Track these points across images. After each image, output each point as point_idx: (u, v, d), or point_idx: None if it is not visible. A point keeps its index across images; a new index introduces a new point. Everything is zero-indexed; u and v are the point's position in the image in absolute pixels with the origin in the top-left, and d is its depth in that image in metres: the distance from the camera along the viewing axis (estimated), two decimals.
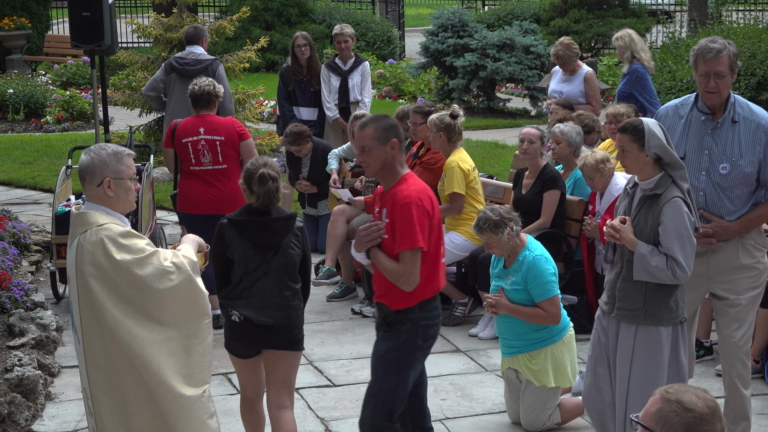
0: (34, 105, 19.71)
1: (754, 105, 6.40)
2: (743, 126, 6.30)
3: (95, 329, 5.27)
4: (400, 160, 5.79)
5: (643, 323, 5.96)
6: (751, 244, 6.44)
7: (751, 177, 6.32)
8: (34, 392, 7.55)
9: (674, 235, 5.84)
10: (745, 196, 6.37)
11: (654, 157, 5.92)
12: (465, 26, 20.08)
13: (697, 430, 3.43)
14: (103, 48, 11.24)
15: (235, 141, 9.05)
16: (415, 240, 5.62)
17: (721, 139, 6.33)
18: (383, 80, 22.15)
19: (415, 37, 28.40)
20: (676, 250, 5.83)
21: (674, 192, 5.90)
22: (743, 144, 6.28)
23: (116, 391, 5.32)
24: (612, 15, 25.14)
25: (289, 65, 12.59)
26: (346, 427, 7.29)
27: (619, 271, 6.07)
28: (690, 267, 5.90)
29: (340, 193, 10.14)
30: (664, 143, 5.90)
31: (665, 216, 5.86)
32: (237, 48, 19.81)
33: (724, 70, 6.24)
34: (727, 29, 14.90)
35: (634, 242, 5.91)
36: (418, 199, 5.66)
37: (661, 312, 5.96)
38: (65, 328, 8.86)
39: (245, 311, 6.20)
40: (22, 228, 10.98)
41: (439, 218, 5.82)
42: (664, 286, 5.94)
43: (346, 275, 10.22)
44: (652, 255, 5.85)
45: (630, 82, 11.09)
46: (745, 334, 6.53)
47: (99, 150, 5.39)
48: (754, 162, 6.28)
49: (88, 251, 5.24)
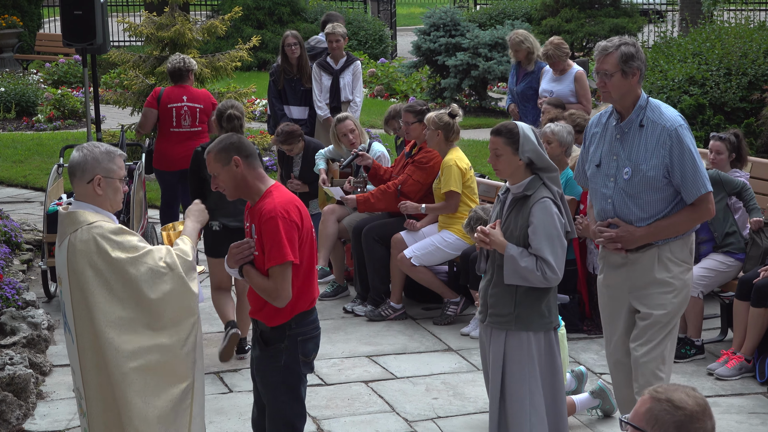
0: (26, 103, 19.68)
1: (667, 108, 6.16)
2: (650, 130, 6.06)
3: (88, 329, 5.27)
4: (254, 175, 5.58)
5: (514, 329, 5.82)
6: (668, 257, 6.16)
7: (657, 182, 6.05)
8: (25, 391, 7.53)
9: (543, 235, 5.74)
10: (658, 203, 6.10)
11: (527, 161, 5.83)
12: (457, 25, 20.09)
13: (688, 428, 3.43)
14: (95, 47, 11.23)
15: (210, 109, 10.69)
16: (283, 254, 5.43)
17: (627, 143, 6.12)
18: (375, 79, 22.15)
19: (406, 36, 28.40)
20: (545, 250, 5.72)
21: (544, 193, 5.80)
22: (648, 148, 6.05)
23: (107, 391, 5.31)
24: (603, 14, 25.15)
25: (280, 64, 12.59)
26: (338, 425, 7.30)
27: (491, 278, 5.94)
28: (561, 269, 5.76)
29: (332, 191, 10.14)
30: (537, 147, 5.83)
31: (534, 216, 5.77)
32: (229, 47, 19.80)
33: (610, 69, 6.03)
34: (718, 29, 14.91)
35: (503, 245, 5.80)
36: (285, 211, 5.47)
37: (532, 317, 5.82)
38: (56, 327, 8.85)
39: (222, 219, 8.30)
40: (13, 226, 10.96)
41: (309, 228, 5.61)
42: (534, 290, 5.81)
43: (337, 274, 10.22)
44: (522, 256, 5.73)
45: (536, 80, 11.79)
46: (650, 353, 6.19)
47: (92, 147, 5.39)
48: (658, 166, 6.02)
49: (81, 250, 5.23)
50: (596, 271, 8.97)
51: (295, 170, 10.94)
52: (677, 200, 6.11)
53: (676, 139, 6.01)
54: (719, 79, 13.33)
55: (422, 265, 9.31)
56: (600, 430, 7.26)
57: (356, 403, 7.70)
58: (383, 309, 9.48)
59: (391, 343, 8.90)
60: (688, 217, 6.12)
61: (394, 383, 8.06)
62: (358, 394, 7.85)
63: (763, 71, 13.27)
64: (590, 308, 9.06)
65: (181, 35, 14.78)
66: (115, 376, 5.26)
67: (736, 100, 13.13)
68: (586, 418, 7.39)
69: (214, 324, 9.03)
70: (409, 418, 7.45)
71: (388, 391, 7.87)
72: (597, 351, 8.57)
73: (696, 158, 6.03)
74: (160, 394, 5.34)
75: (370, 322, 9.41)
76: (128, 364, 5.25)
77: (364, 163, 9.90)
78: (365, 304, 9.65)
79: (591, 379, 7.90)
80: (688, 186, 6.03)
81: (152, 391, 5.32)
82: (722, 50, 13.75)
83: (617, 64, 6.03)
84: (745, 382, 7.99)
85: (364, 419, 7.43)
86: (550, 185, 5.85)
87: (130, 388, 5.27)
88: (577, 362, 8.31)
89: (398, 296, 9.52)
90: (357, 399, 7.76)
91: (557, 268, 5.75)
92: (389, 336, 9.06)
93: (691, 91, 13.27)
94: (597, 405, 7.38)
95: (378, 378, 8.15)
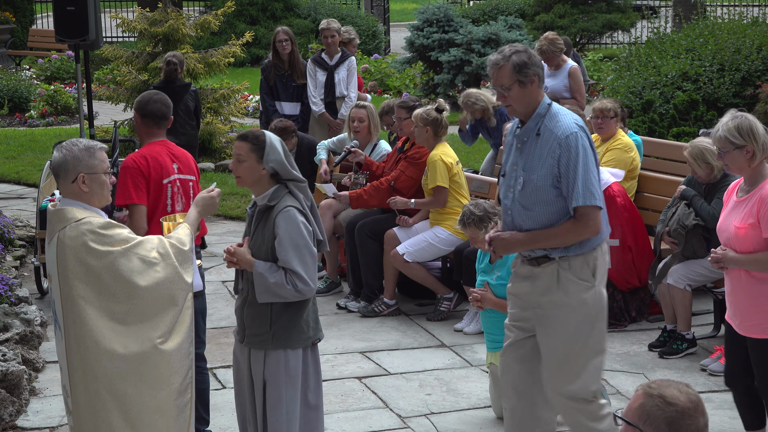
0: (19, 99, 19.65)
1: (566, 115, 5.78)
2: (545, 138, 5.71)
3: (77, 326, 5.25)
4: (142, 131, 6.96)
5: (272, 347, 5.60)
6: (568, 277, 5.76)
7: (546, 193, 5.69)
8: (18, 387, 7.52)
9: (290, 246, 5.48)
10: (550, 215, 5.72)
11: (271, 171, 5.57)
12: (450, 21, 20.07)
13: (680, 424, 3.43)
14: (88, 42, 11.22)
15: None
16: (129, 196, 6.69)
17: (524, 153, 5.79)
18: (368, 75, 22.14)
19: (400, 32, 28.40)
20: (293, 261, 5.46)
21: (288, 202, 5.55)
22: (541, 158, 5.70)
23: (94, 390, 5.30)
24: (596, 10, 25.17)
25: (271, 60, 12.59)
26: (331, 422, 7.29)
27: (245, 296, 5.70)
28: (313, 279, 5.52)
29: (324, 188, 10.13)
30: (282, 159, 5.57)
31: (279, 227, 5.49)
32: (222, 43, 19.76)
33: (505, 82, 5.70)
34: (711, 24, 14.92)
35: (251, 262, 5.53)
36: (132, 160, 6.71)
37: (290, 334, 5.60)
38: (49, 323, 8.84)
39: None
40: (6, 223, 10.94)
41: (159, 178, 6.70)
42: (290, 305, 5.58)
43: (331, 270, 10.21)
44: (271, 272, 5.48)
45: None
46: (552, 377, 5.86)
47: (71, 146, 5.36)
48: (546, 176, 5.67)
49: (70, 247, 5.22)
50: None
51: None
52: (570, 215, 5.72)
53: (566, 147, 5.65)
54: (712, 74, 13.34)
55: (415, 261, 9.31)
56: None
57: (349, 399, 7.70)
58: (376, 305, 9.48)
59: (384, 339, 8.90)
60: (568, 229, 5.70)
61: (387, 379, 8.06)
62: (352, 390, 7.84)
63: (756, 67, 13.29)
64: None
65: (174, 31, 14.78)
66: (105, 372, 5.23)
67: (730, 95, 13.15)
68: None
69: (208, 321, 8.99)
70: (402, 414, 7.45)
71: (381, 387, 7.87)
72: None
73: (582, 168, 5.64)
74: (155, 387, 5.32)
75: (363, 318, 9.41)
76: (119, 359, 5.23)
77: (357, 159, 9.90)
78: (358, 300, 9.65)
79: None
80: (570, 196, 5.66)
81: (149, 384, 5.30)
82: (715, 46, 13.76)
83: (512, 75, 5.70)
84: None
85: (357, 415, 7.43)
86: (296, 194, 5.60)
87: (124, 383, 5.26)
88: None
89: (391, 292, 9.51)
90: (350, 395, 7.76)
91: (308, 278, 5.50)
92: (382, 332, 9.06)
93: (685, 87, 13.28)
94: None
95: (371, 374, 8.15)
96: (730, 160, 6.14)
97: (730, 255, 6.14)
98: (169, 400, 5.37)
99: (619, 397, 7.63)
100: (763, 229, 6.03)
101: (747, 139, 6.04)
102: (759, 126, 6.08)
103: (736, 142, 6.05)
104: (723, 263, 6.18)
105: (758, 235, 6.06)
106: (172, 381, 5.37)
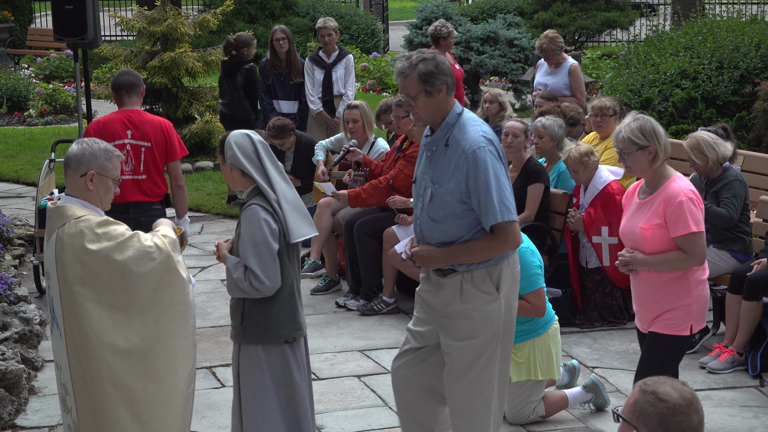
0: (17, 98, 19.64)
1: (474, 126, 5.61)
2: (453, 150, 5.57)
3: (76, 323, 5.25)
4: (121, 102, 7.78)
5: (245, 342, 5.68)
6: (469, 288, 5.65)
7: (454, 207, 5.56)
8: (17, 386, 7.53)
9: (249, 243, 5.51)
10: (459, 229, 5.60)
11: (234, 169, 5.66)
12: (449, 19, 20.06)
13: (671, 420, 3.41)
14: (87, 41, 11.22)
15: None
16: None
17: (433, 163, 5.66)
18: (367, 73, 22.13)
19: (399, 30, 28.40)
20: (250, 259, 5.49)
21: (254, 200, 5.59)
22: (449, 170, 5.57)
23: (99, 385, 5.30)
24: (595, 8, 25.16)
25: (268, 59, 12.59)
26: (330, 420, 7.29)
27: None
28: (270, 278, 5.50)
29: (323, 187, 10.13)
30: (237, 155, 5.60)
31: (242, 225, 5.57)
32: (221, 41, 19.74)
33: (411, 92, 5.57)
34: (710, 22, 14.91)
35: (224, 257, 5.66)
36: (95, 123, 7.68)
37: (260, 330, 5.64)
38: (48, 322, 8.83)
39: None
40: (5, 222, 10.94)
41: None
42: (260, 302, 5.61)
43: (330, 268, 10.21)
44: (236, 268, 5.54)
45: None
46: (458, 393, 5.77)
47: (92, 143, 5.44)
48: (454, 191, 5.54)
49: (68, 244, 5.23)
50: (589, 265, 9.01)
51: (287, 164, 10.93)
52: (479, 228, 5.60)
53: (473, 162, 5.50)
54: (711, 72, 13.34)
55: None
56: (592, 423, 7.27)
57: (349, 397, 7.70)
58: (376, 303, 9.47)
59: (383, 337, 8.90)
60: (487, 244, 5.60)
61: (386, 377, 8.04)
62: (351, 389, 7.84)
63: (755, 65, 13.28)
64: (582, 302, 9.07)
65: (172, 30, 14.77)
66: (108, 367, 5.24)
67: (728, 93, 13.14)
68: (579, 412, 7.39)
69: (207, 319, 9.02)
70: None
71: (380, 386, 7.87)
72: (589, 345, 8.58)
73: (495, 184, 5.51)
74: (160, 380, 5.32)
75: (362, 316, 9.41)
76: (122, 353, 5.24)
77: (355, 158, 9.90)
78: (358, 298, 9.64)
79: (584, 373, 7.91)
80: (483, 213, 5.53)
81: (153, 377, 5.31)
82: (714, 44, 13.76)
83: (418, 85, 5.56)
84: (738, 376, 8.00)
85: (356, 413, 7.43)
86: (267, 192, 5.59)
87: (128, 377, 5.27)
88: (569, 356, 8.31)
89: (391, 290, 9.51)
90: (349, 393, 7.76)
91: (264, 277, 5.50)
92: (382, 330, 9.06)
93: (683, 85, 13.28)
94: (590, 399, 7.38)
95: (370, 372, 8.15)
96: (632, 161, 6.03)
97: (639, 257, 6.07)
98: (175, 392, 5.39)
99: (618, 394, 7.64)
100: (670, 228, 5.97)
101: (650, 140, 5.97)
102: (660, 127, 6.03)
103: (639, 142, 5.97)
104: (632, 266, 6.13)
105: (666, 235, 5.98)
106: (179, 373, 5.39)
